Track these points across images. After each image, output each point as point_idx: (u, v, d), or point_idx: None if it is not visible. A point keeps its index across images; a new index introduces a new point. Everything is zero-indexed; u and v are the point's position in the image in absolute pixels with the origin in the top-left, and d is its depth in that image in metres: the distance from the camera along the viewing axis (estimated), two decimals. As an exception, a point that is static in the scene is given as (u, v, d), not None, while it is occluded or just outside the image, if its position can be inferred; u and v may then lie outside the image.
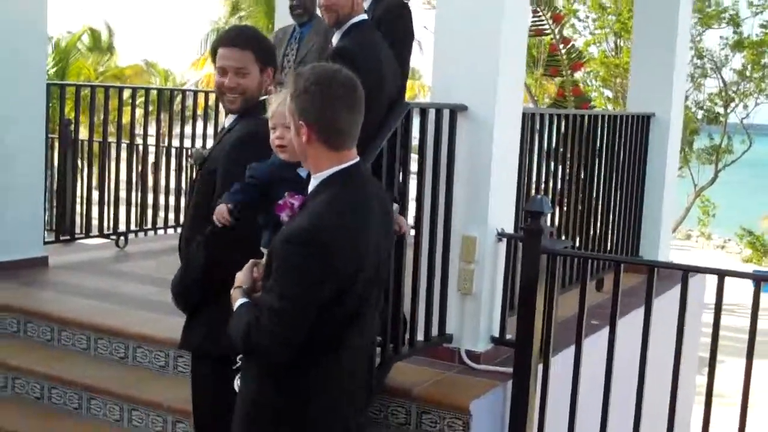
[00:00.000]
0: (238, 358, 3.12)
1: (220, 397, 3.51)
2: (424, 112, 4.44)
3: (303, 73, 2.81)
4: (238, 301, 2.88)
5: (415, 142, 4.56)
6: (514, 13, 4.59)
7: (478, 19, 4.51)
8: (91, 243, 7.86)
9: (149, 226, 8.07)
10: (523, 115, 4.95)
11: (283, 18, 7.55)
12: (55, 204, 7.91)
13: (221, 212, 3.25)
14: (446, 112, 4.51)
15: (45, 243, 6.86)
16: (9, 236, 6.37)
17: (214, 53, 3.61)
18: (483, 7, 4.50)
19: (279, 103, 3.08)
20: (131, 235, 7.85)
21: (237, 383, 3.09)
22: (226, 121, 3.71)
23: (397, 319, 4.27)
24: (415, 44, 5.09)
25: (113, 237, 7.62)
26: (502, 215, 4.68)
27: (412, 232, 4.42)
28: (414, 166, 4.65)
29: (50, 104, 7.62)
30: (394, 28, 4.71)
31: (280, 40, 6.46)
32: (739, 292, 11.35)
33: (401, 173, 4.35)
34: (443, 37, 4.63)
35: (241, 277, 2.96)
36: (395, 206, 3.45)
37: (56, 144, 7.93)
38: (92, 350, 5.19)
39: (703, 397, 4.16)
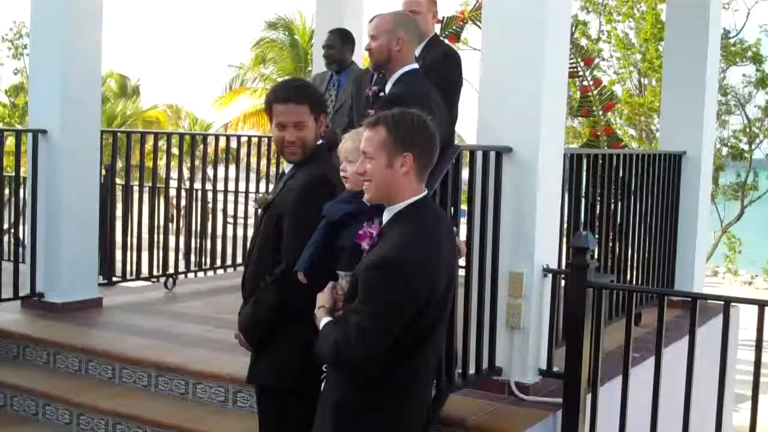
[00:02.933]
0: (324, 367, 3.37)
1: (286, 429, 3.72)
2: (472, 155, 4.67)
3: (400, 110, 3.18)
4: (324, 319, 3.20)
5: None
6: (555, 57, 4.83)
7: (522, 63, 4.75)
8: (139, 285, 8.11)
9: (194, 268, 8.33)
10: (564, 155, 5.16)
11: (319, 64, 7.89)
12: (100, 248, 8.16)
13: (300, 279, 3.56)
14: (492, 154, 4.74)
15: (98, 285, 7.10)
16: (66, 279, 6.64)
17: (269, 108, 3.81)
18: (525, 53, 4.74)
19: (349, 140, 3.58)
20: (180, 277, 8.10)
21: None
22: (285, 167, 3.94)
23: (450, 352, 4.46)
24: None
25: (154, 279, 7.87)
26: (547, 251, 4.89)
27: (462, 262, 4.64)
28: (463, 207, 4.87)
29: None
30: (443, 75, 4.93)
31: (317, 86, 6.75)
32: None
33: (453, 211, 4.55)
34: (488, 82, 4.87)
35: (322, 298, 3.28)
36: (454, 230, 3.67)
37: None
38: (153, 387, 5.40)
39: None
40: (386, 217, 3.17)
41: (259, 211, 3.96)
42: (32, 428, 5.42)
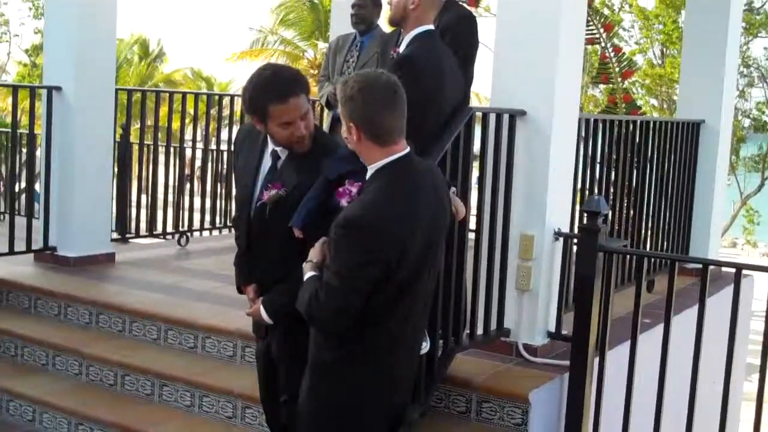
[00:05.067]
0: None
1: None
2: (485, 117, 4.63)
3: (348, 81, 3.14)
4: (308, 274, 3.20)
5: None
6: (571, 21, 4.76)
7: (537, 26, 4.68)
8: (153, 242, 8.14)
9: (208, 226, 8.36)
10: (579, 120, 5.12)
11: (338, 27, 7.86)
12: (115, 204, 8.17)
13: (296, 235, 3.48)
14: (506, 117, 4.69)
15: (111, 240, 7.13)
16: (79, 233, 6.67)
17: (263, 109, 3.51)
18: (541, 16, 4.67)
19: None
20: (195, 234, 8.15)
21: None
22: (280, 152, 3.64)
23: (458, 313, 4.46)
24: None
25: (168, 236, 7.91)
26: (559, 215, 4.86)
27: (473, 225, 4.63)
28: (475, 171, 4.84)
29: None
30: (459, 37, 4.88)
31: (339, 47, 6.73)
32: (786, 299, 11.17)
33: (464, 174, 4.50)
34: (503, 44, 4.81)
35: (312, 253, 3.26)
36: (452, 189, 3.63)
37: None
38: (162, 341, 5.44)
39: (750, 403, 4.28)
40: (368, 174, 3.16)
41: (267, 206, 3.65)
42: (42, 378, 5.47)
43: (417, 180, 3.15)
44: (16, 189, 8.19)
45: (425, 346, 3.69)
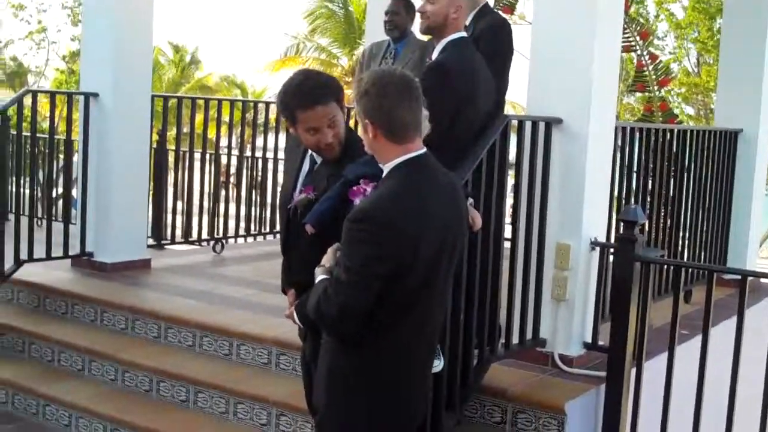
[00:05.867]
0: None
1: None
2: (521, 125, 4.61)
3: (363, 78, 3.10)
4: (319, 277, 3.14)
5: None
6: (607, 28, 4.74)
7: (573, 34, 4.66)
8: (188, 249, 8.18)
9: (243, 233, 8.39)
10: (615, 128, 5.08)
11: (372, 34, 7.88)
12: (151, 211, 8.21)
13: (307, 232, 3.48)
14: (542, 125, 4.67)
15: (147, 247, 7.17)
16: (115, 239, 6.73)
17: (291, 114, 3.52)
18: (577, 23, 4.65)
19: None
20: (230, 241, 8.17)
21: None
22: (315, 158, 3.66)
23: (493, 322, 4.44)
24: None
25: (203, 243, 7.96)
26: (595, 225, 4.82)
27: (509, 234, 4.61)
28: (510, 179, 4.82)
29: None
30: (493, 44, 4.87)
31: (374, 55, 6.74)
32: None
33: (500, 182, 4.47)
34: (539, 52, 4.79)
35: (325, 258, 3.20)
36: (470, 200, 3.61)
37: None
38: (197, 347, 5.46)
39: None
40: (384, 174, 3.10)
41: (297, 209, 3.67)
42: (78, 383, 5.52)
43: (432, 180, 3.09)
44: (54, 195, 8.28)
45: (438, 364, 3.66)
